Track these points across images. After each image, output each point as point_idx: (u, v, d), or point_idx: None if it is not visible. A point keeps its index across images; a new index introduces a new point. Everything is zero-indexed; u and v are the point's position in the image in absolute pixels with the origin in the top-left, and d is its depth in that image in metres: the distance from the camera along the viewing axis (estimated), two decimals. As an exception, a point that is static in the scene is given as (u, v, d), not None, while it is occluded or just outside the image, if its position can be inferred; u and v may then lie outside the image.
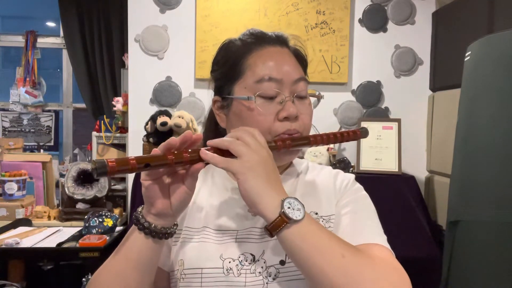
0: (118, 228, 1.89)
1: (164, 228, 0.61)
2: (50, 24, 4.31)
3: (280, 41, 0.74)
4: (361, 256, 0.56)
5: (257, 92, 0.67)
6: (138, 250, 0.61)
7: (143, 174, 0.59)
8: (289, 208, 0.55)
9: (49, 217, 2.12)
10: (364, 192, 0.76)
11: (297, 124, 0.69)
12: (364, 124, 2.24)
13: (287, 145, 0.65)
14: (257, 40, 0.73)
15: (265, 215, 0.56)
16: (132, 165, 0.52)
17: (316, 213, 0.71)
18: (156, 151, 0.57)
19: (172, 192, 0.60)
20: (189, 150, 0.58)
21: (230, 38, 0.76)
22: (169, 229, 0.62)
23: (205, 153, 0.58)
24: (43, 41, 3.21)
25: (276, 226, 0.55)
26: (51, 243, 1.71)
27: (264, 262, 0.65)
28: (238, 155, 0.57)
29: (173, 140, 0.58)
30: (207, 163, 0.59)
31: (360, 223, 0.68)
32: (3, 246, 1.64)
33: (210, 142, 0.60)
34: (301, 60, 0.76)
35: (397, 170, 2.14)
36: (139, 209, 0.63)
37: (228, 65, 0.73)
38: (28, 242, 1.71)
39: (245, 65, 0.70)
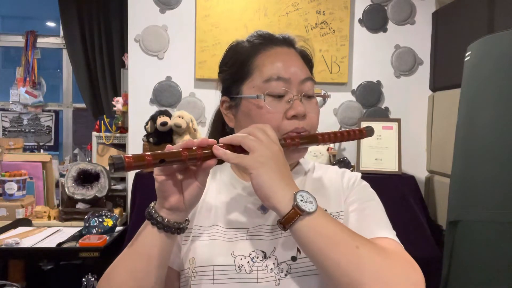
0: (118, 228, 1.89)
1: (176, 223, 0.62)
2: (50, 24, 4.32)
3: (287, 42, 0.76)
4: (375, 248, 0.57)
5: (266, 91, 0.69)
6: (150, 245, 0.62)
7: (156, 170, 0.60)
8: (301, 200, 0.56)
9: (49, 217, 2.12)
10: (371, 189, 0.77)
11: (305, 123, 0.70)
12: (364, 124, 2.24)
13: (296, 143, 0.67)
14: (265, 41, 0.74)
15: (278, 209, 0.57)
16: (148, 161, 0.54)
17: (325, 210, 0.71)
18: (170, 147, 0.59)
19: (185, 187, 0.62)
20: (202, 147, 0.59)
21: (237, 39, 0.78)
22: (181, 224, 0.63)
23: (217, 149, 0.59)
24: (43, 41, 3.21)
25: (289, 219, 0.56)
26: (51, 243, 1.71)
27: (276, 259, 0.66)
28: (250, 150, 0.58)
29: (191, 141, 0.59)
30: (219, 160, 0.61)
31: (369, 218, 0.69)
32: (3, 246, 1.64)
33: (222, 139, 0.61)
34: (308, 61, 0.78)
35: (397, 170, 2.14)
36: (152, 204, 0.64)
37: (236, 65, 0.74)
38: (28, 242, 1.71)
39: (254, 65, 0.72)
